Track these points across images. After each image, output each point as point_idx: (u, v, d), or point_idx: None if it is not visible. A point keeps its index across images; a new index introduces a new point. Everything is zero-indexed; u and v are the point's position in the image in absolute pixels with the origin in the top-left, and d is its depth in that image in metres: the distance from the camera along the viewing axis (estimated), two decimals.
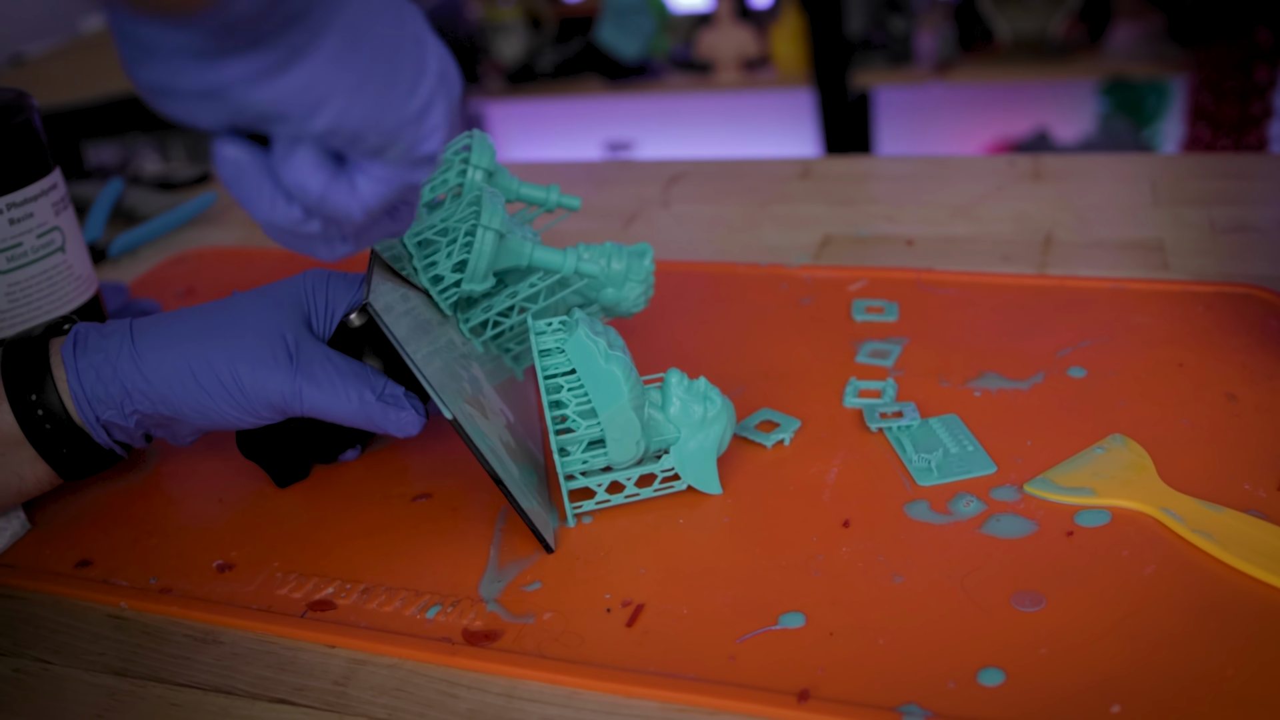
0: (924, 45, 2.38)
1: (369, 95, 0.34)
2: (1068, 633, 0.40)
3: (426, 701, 0.41)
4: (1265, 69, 2.06)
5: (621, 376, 0.46)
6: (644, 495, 0.49)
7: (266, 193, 0.37)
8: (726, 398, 0.50)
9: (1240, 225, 0.72)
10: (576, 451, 0.47)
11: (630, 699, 0.40)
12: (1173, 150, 2.33)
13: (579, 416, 0.47)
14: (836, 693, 0.38)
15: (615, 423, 0.47)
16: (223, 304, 0.49)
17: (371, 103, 0.35)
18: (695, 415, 0.49)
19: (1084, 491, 0.47)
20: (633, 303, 0.55)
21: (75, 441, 0.47)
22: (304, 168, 0.36)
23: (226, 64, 0.32)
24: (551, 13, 2.77)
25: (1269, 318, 0.59)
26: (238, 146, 0.36)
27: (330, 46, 0.33)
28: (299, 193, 0.36)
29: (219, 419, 0.48)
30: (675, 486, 0.49)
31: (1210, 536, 0.43)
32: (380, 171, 0.37)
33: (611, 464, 0.48)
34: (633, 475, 0.49)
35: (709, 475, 0.49)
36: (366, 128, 0.35)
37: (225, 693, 0.42)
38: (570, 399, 0.47)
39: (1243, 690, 0.37)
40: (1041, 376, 0.56)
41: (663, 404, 0.49)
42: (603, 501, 0.49)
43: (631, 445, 0.47)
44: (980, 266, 0.70)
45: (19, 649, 0.46)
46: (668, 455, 0.49)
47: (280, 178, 0.36)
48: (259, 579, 0.48)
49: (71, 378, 0.47)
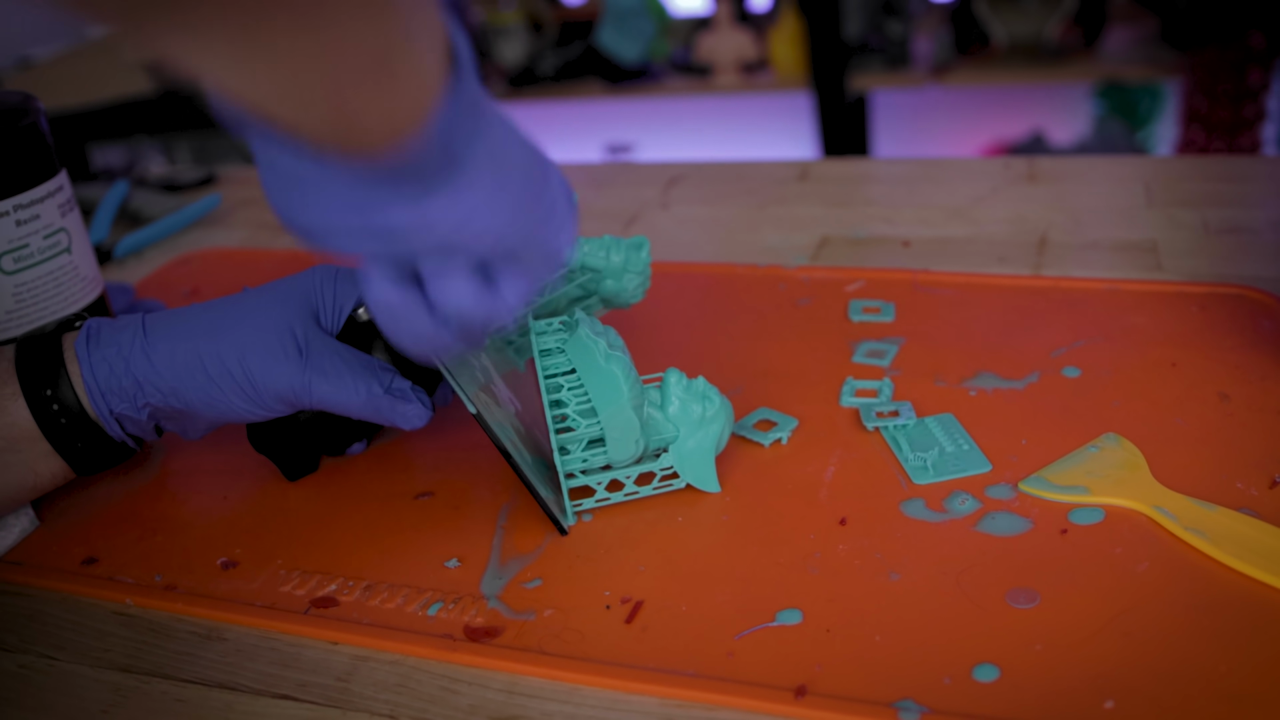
0: (921, 49, 2.38)
1: (522, 214, 0.35)
2: (1062, 629, 0.40)
3: (428, 697, 0.41)
4: (1258, 72, 2.06)
5: (621, 376, 0.46)
6: (643, 493, 0.49)
7: (424, 327, 0.37)
8: (725, 397, 0.50)
9: (1233, 227, 0.72)
10: (576, 450, 0.47)
11: (629, 695, 0.40)
12: (1167, 153, 2.33)
13: (579, 415, 0.47)
14: (833, 688, 0.38)
15: (615, 422, 0.47)
16: (234, 299, 0.49)
17: (525, 220, 0.35)
18: (694, 414, 0.49)
19: (1078, 490, 0.47)
20: (631, 294, 0.55)
21: (89, 435, 0.48)
22: (459, 290, 0.36)
23: (395, 206, 0.32)
24: (552, 16, 2.77)
25: (1261, 318, 0.59)
26: (388, 287, 0.36)
27: (487, 177, 0.33)
28: (455, 314, 0.36)
29: (229, 411, 0.48)
30: (674, 485, 0.49)
31: (1203, 534, 0.43)
32: (523, 278, 0.37)
33: (611, 462, 0.48)
34: (632, 473, 0.49)
35: (708, 474, 0.49)
36: (522, 244, 0.36)
37: (229, 689, 0.42)
38: (570, 398, 0.47)
39: (1235, 686, 0.37)
40: (1036, 376, 0.56)
41: (662, 403, 0.49)
42: (602, 499, 0.49)
43: (631, 444, 0.47)
44: (976, 267, 0.70)
45: (26, 645, 0.46)
46: (667, 454, 0.49)
47: (434, 302, 0.36)
48: (262, 576, 0.48)
49: (85, 370, 0.47)
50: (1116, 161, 0.87)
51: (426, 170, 0.31)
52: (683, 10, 2.71)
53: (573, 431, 0.47)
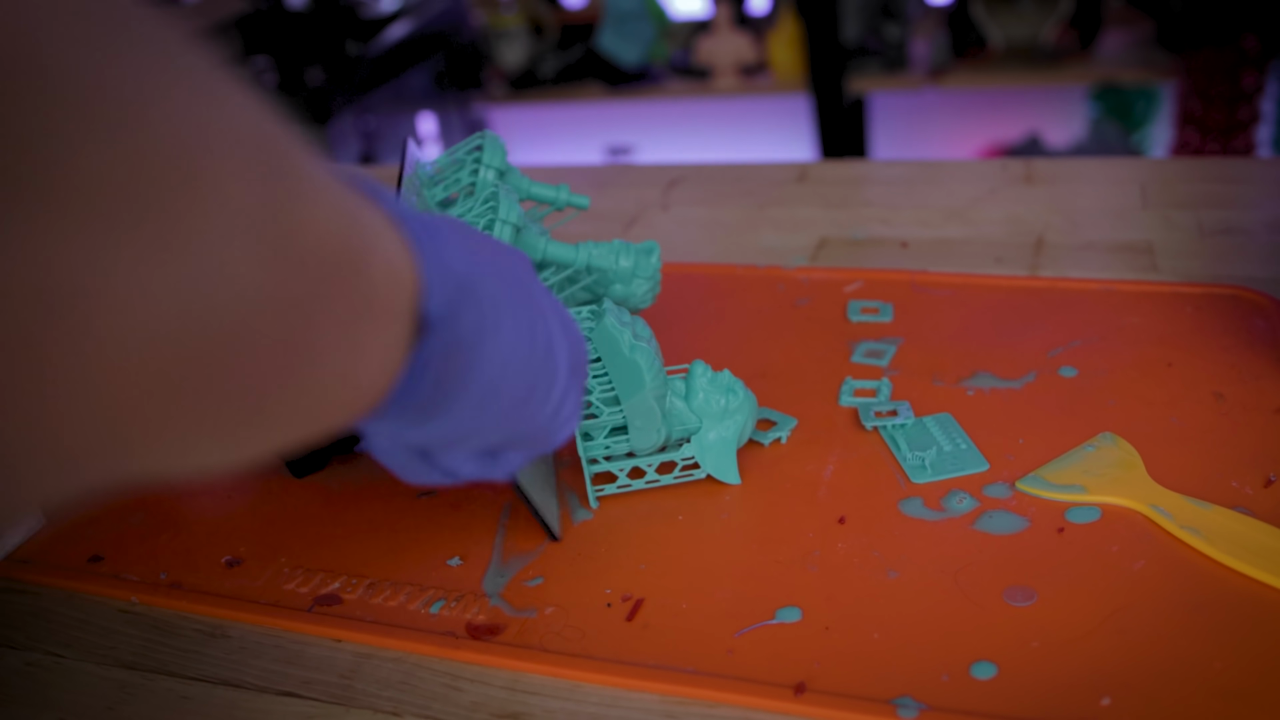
0: (918, 52, 2.38)
1: (510, 417, 0.35)
2: (1059, 627, 0.40)
3: (430, 694, 0.41)
4: (1252, 75, 2.06)
5: (644, 366, 0.47)
6: (664, 482, 0.50)
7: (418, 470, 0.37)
8: (750, 391, 0.50)
9: (1228, 228, 0.72)
10: (599, 437, 0.48)
11: (630, 691, 0.40)
12: (1162, 154, 2.33)
13: (602, 403, 0.47)
14: (832, 685, 0.38)
15: (637, 411, 0.47)
16: None
17: (514, 421, 0.35)
18: (717, 406, 0.49)
19: (1075, 489, 0.47)
20: (640, 299, 0.55)
21: None
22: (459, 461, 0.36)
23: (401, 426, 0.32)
24: (553, 20, 2.77)
25: (1256, 318, 0.59)
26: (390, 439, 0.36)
27: (474, 396, 0.33)
28: (450, 476, 0.37)
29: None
30: (694, 475, 0.50)
31: (1198, 533, 0.43)
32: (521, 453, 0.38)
33: (634, 450, 0.48)
34: (653, 462, 0.49)
35: (728, 465, 0.49)
36: (512, 438, 0.36)
37: (233, 685, 0.42)
38: (595, 385, 0.47)
39: (1230, 682, 0.37)
40: (1033, 376, 0.56)
41: (686, 394, 0.49)
42: (624, 486, 0.49)
43: (653, 433, 0.48)
44: (973, 268, 0.70)
45: (32, 643, 0.46)
46: (688, 444, 0.49)
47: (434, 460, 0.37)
48: (267, 574, 0.48)
49: None
50: (1112, 163, 0.87)
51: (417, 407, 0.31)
52: (682, 14, 2.71)
53: (596, 419, 0.47)
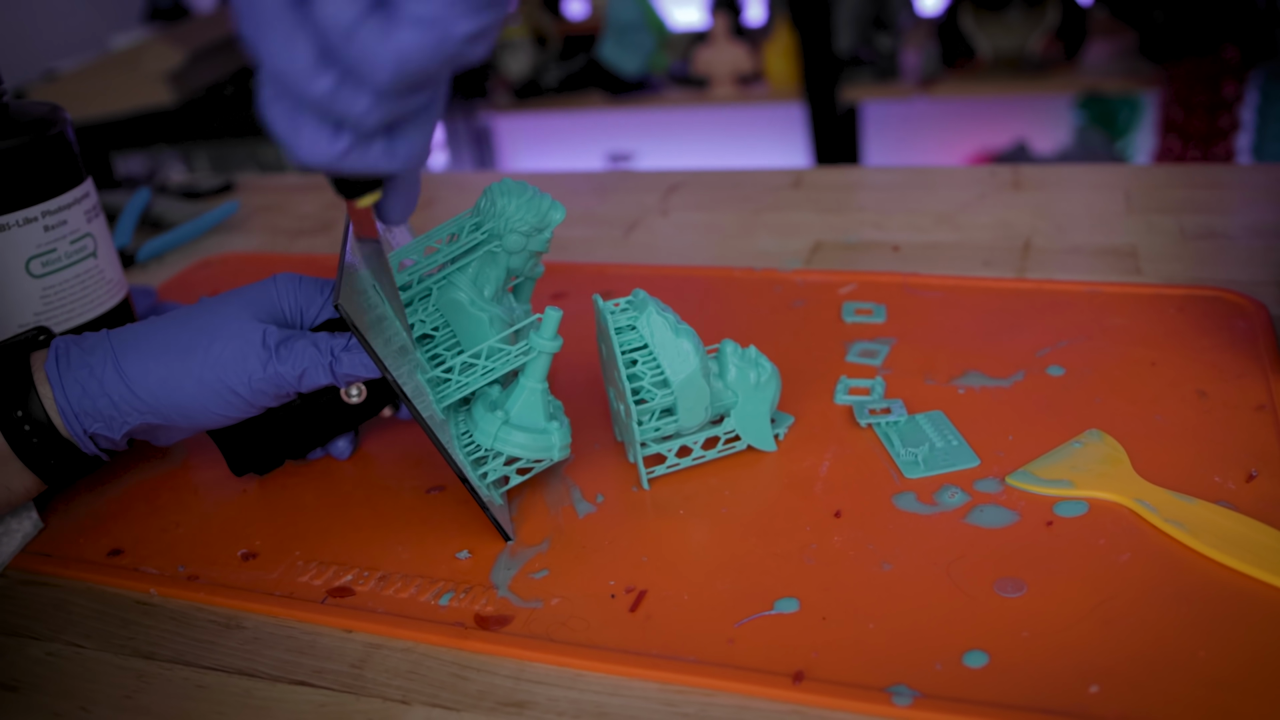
0: (909, 62, 2.38)
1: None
2: (1048, 617, 0.40)
3: (439, 683, 0.41)
4: (1233, 84, 2.06)
5: (692, 348, 0.48)
6: (709, 457, 0.51)
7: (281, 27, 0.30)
8: (773, 364, 0.51)
9: (1209, 232, 0.72)
10: (649, 421, 0.49)
11: (633, 680, 0.40)
12: (1145, 161, 2.33)
13: (653, 387, 0.48)
14: (829, 674, 0.38)
15: (687, 391, 0.48)
16: (198, 310, 0.48)
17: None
18: (750, 380, 0.50)
19: (1063, 483, 0.47)
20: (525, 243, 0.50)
21: (62, 452, 0.47)
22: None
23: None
24: (556, 31, 2.77)
25: (1236, 319, 0.59)
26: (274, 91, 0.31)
27: None
28: (325, 22, 0.29)
29: (207, 421, 0.47)
30: (736, 447, 0.51)
31: (1182, 526, 0.43)
32: (424, 10, 0.30)
33: (680, 429, 0.49)
34: (698, 439, 0.50)
35: (765, 434, 0.51)
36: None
37: (248, 675, 0.42)
38: (644, 372, 0.48)
39: (1213, 671, 0.37)
40: (1022, 375, 0.56)
41: (720, 371, 0.50)
42: (673, 465, 0.50)
43: (701, 411, 0.49)
44: (963, 271, 0.70)
45: (53, 634, 0.46)
46: (728, 419, 0.50)
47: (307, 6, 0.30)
48: (281, 567, 0.48)
49: (58, 394, 0.46)
50: (1097, 170, 0.87)
51: None
52: (681, 25, 2.71)
53: (647, 403, 0.48)
